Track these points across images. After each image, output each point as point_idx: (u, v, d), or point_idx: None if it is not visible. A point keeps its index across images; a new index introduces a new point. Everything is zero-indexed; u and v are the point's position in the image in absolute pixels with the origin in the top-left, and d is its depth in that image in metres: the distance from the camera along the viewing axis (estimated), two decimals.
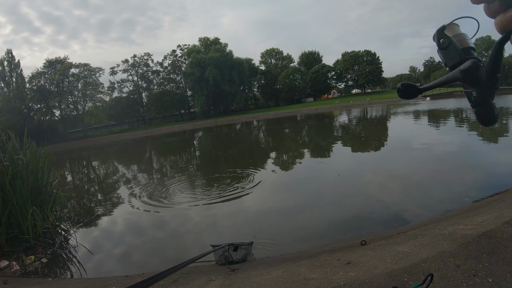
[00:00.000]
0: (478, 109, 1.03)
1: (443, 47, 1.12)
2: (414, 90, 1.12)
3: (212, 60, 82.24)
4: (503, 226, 4.04)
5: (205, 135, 46.62)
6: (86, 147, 50.43)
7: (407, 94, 1.11)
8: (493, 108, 1.02)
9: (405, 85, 1.12)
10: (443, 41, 1.11)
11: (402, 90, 1.11)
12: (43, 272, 6.33)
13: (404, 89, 1.12)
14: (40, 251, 7.21)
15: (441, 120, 28.51)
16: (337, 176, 12.02)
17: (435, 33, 1.14)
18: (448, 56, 1.10)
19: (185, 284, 4.24)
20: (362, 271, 3.70)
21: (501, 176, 9.70)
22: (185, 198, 10.91)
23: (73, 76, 78.99)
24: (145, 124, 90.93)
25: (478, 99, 1.02)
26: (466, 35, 1.10)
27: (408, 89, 1.11)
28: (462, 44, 1.08)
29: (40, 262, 6.67)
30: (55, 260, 7.01)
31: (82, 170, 25.32)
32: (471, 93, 1.03)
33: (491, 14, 0.83)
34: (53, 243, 7.73)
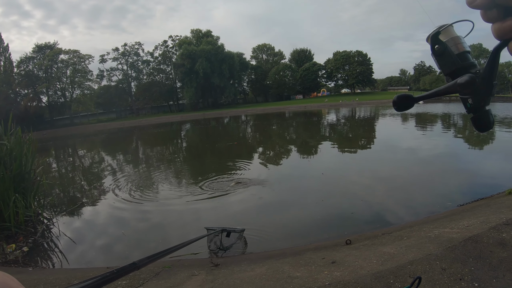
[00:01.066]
0: (474, 116, 1.01)
1: (438, 53, 1.06)
2: (409, 100, 1.08)
3: (203, 53, 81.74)
4: (489, 232, 4.05)
5: (192, 128, 46.42)
6: (72, 135, 49.87)
7: (403, 106, 1.07)
8: (488, 114, 0.98)
9: (401, 97, 1.08)
10: (438, 48, 1.05)
11: (398, 103, 1.08)
12: (23, 261, 6.20)
13: (400, 101, 1.08)
14: (22, 240, 7.06)
15: (428, 124, 28.73)
16: (320, 174, 12.02)
17: (429, 37, 1.09)
18: (443, 63, 1.05)
19: (167, 278, 4.17)
20: (347, 271, 3.66)
21: (485, 182, 9.78)
22: (170, 191, 10.86)
23: (62, 62, 77.61)
24: (133, 114, 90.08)
25: (474, 106, 0.99)
26: (461, 38, 1.05)
27: (403, 100, 1.08)
28: (458, 48, 1.04)
29: (21, 251, 6.52)
30: (37, 249, 6.87)
31: (67, 158, 25.04)
32: (467, 100, 1.00)
33: (488, 20, 0.79)
34: (35, 232, 7.60)
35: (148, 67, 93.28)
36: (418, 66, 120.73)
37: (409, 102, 1.08)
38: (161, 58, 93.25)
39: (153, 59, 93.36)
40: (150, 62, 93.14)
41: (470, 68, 1.01)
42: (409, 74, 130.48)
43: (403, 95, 1.08)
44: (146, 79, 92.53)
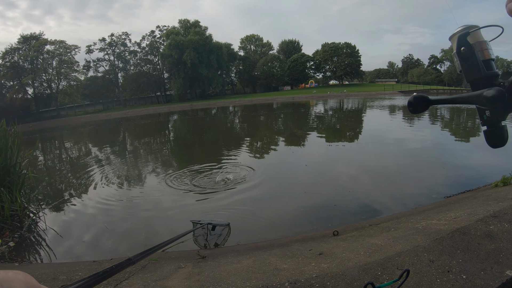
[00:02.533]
0: (489, 130, 0.98)
1: (464, 56, 1.02)
2: (425, 102, 1.01)
3: (191, 43, 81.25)
4: (477, 224, 4.04)
5: (180, 119, 46.25)
6: (59, 127, 49.27)
7: (418, 108, 1.01)
8: (504, 131, 0.96)
9: (418, 98, 1.02)
10: (464, 50, 1.01)
11: (414, 104, 1.02)
12: (10, 256, 6.08)
13: (417, 103, 1.01)
14: (8, 235, 6.94)
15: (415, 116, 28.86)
16: (305, 166, 12.02)
17: (456, 36, 1.04)
18: (468, 68, 1.02)
19: (153, 271, 4.11)
20: (334, 262, 3.64)
21: (472, 174, 9.86)
22: (157, 184, 10.79)
23: (48, 53, 76.22)
24: (120, 105, 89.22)
25: (491, 120, 0.96)
26: (488, 44, 1.02)
27: (420, 102, 1.01)
28: (484, 55, 1.00)
29: (7, 246, 6.41)
30: (23, 244, 6.78)
31: (53, 151, 24.78)
32: (484, 112, 0.97)
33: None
34: (21, 226, 7.48)
35: (135, 57, 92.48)
36: (406, 59, 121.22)
37: (424, 103, 1.02)
38: (149, 48, 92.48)
39: (140, 49, 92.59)
40: (138, 53, 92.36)
41: (493, 79, 0.97)
42: (397, 66, 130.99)
43: (420, 96, 1.02)
44: (133, 70, 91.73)
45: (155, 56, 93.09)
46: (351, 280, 3.10)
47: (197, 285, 3.33)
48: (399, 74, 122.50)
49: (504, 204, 4.80)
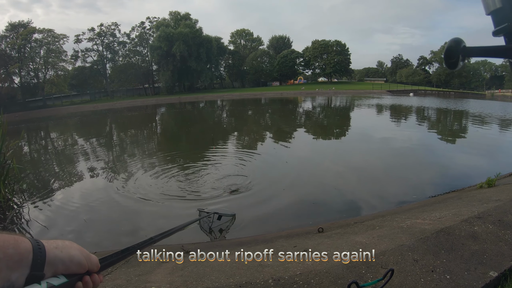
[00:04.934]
0: None
1: None
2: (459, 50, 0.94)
3: (181, 36, 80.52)
4: (461, 224, 4.06)
5: (167, 112, 46.05)
6: (45, 117, 48.52)
7: (454, 54, 0.94)
8: None
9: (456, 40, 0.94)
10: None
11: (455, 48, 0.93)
12: None
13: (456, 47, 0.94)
14: None
15: (402, 115, 29.09)
16: (285, 163, 12.09)
17: None
18: None
19: (136, 265, 4.07)
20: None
21: (457, 175, 9.96)
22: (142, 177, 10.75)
23: (36, 42, 74.27)
24: (107, 96, 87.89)
25: None
26: None
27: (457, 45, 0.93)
28: None
29: None
30: None
31: (39, 142, 24.49)
32: None
33: None
34: (4, 218, 7.39)
35: (124, 48, 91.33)
36: (396, 59, 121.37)
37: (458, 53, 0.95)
38: (138, 39, 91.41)
39: (129, 40, 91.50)
40: (126, 44, 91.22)
41: None
42: (386, 66, 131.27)
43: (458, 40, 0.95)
44: (122, 61, 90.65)
45: (144, 48, 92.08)
46: (335, 278, 3.09)
47: (180, 281, 3.30)
48: (388, 73, 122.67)
49: (489, 206, 4.84)
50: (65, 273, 0.81)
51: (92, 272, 0.89)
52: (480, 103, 46.47)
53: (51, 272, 0.78)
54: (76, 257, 0.84)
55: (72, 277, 0.82)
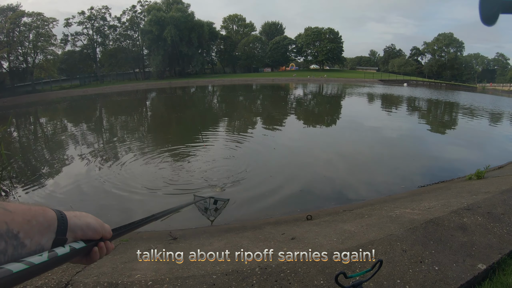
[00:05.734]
0: None
1: None
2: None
3: (173, 20, 79.62)
4: (451, 215, 4.05)
5: (158, 97, 45.76)
6: (34, 102, 47.77)
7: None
8: None
9: None
10: None
11: None
12: None
13: None
14: None
15: (393, 105, 29.16)
16: (273, 149, 12.11)
17: None
18: None
19: (123, 252, 4.02)
20: (307, 248, 3.58)
21: (446, 166, 10.01)
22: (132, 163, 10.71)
23: (25, 26, 72.79)
24: (97, 80, 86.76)
25: None
26: None
27: None
28: None
29: None
30: None
31: (28, 127, 24.20)
32: None
33: None
34: None
35: (115, 32, 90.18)
36: (388, 49, 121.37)
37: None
38: (129, 23, 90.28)
39: (120, 24, 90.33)
40: (117, 28, 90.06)
41: None
42: (378, 55, 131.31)
43: None
44: (112, 45, 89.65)
45: (135, 32, 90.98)
46: (322, 267, 3.06)
47: (166, 268, 3.25)
48: (380, 63, 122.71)
49: (478, 198, 4.84)
50: (83, 239, 0.95)
51: (106, 239, 1.04)
52: (472, 95, 46.78)
53: (72, 237, 0.92)
54: (92, 224, 0.99)
55: (90, 242, 0.97)
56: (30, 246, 0.79)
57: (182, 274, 3.03)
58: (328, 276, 2.88)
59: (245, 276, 2.96)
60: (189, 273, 3.05)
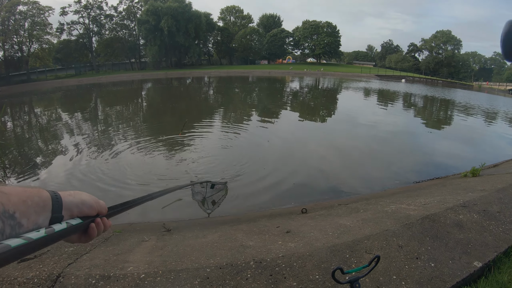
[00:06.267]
0: None
1: None
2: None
3: (170, 10, 79.30)
4: (447, 212, 4.05)
5: (153, 87, 45.62)
6: (29, 92, 47.32)
7: None
8: None
9: None
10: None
11: None
12: None
13: None
14: None
15: (389, 101, 29.22)
16: (267, 142, 12.15)
17: None
18: None
19: (116, 244, 3.98)
20: (302, 242, 3.57)
21: (441, 162, 10.05)
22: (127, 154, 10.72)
23: (20, 14, 72.22)
24: (93, 70, 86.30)
25: None
26: None
27: None
28: None
29: None
30: None
31: (22, 117, 24.01)
32: None
33: None
34: None
35: (111, 22, 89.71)
36: (386, 44, 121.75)
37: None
38: (125, 13, 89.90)
39: (116, 14, 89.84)
40: (113, 17, 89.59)
41: None
42: (376, 50, 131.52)
43: None
44: (108, 35, 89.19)
45: (131, 22, 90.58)
46: (318, 262, 3.03)
47: (159, 261, 3.22)
48: (377, 58, 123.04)
49: (474, 195, 4.84)
50: (80, 216, 0.98)
51: (102, 216, 1.07)
52: (468, 93, 47.02)
53: (68, 215, 0.94)
54: (87, 201, 1.01)
55: (86, 219, 0.99)
56: (27, 225, 0.81)
57: (175, 267, 3.00)
58: (324, 271, 2.85)
59: (240, 269, 2.93)
60: (182, 266, 3.02)
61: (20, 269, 3.05)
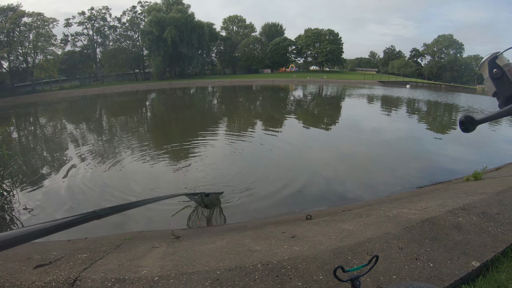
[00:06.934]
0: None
1: (496, 77, 1.16)
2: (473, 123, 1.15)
3: (173, 21, 79.66)
4: (446, 215, 4.16)
5: (158, 98, 45.82)
6: (34, 103, 47.70)
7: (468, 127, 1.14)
8: None
9: (469, 118, 1.15)
10: (496, 72, 1.15)
11: (465, 123, 1.14)
12: None
13: (467, 121, 1.15)
14: None
15: (393, 106, 29.22)
16: (269, 150, 12.19)
17: (486, 63, 1.19)
18: (501, 87, 1.16)
19: (127, 250, 4.12)
20: (306, 246, 3.70)
21: (444, 167, 10.09)
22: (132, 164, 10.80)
23: (25, 26, 72.68)
24: (97, 81, 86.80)
25: None
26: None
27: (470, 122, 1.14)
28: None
29: None
30: None
31: (28, 127, 24.23)
32: None
33: None
34: None
35: (115, 33, 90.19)
36: (388, 50, 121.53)
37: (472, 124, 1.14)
38: (129, 24, 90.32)
39: (120, 25, 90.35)
40: (117, 28, 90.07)
41: None
42: (378, 57, 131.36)
43: (469, 116, 1.17)
44: (112, 46, 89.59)
45: (135, 33, 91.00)
46: (322, 263, 3.16)
47: (171, 265, 3.36)
48: (380, 64, 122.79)
49: (474, 198, 4.94)
50: None
51: None
52: (471, 97, 46.75)
53: None
54: None
55: None
56: None
57: (187, 270, 3.14)
58: (327, 272, 2.98)
59: (248, 271, 3.07)
60: (193, 269, 3.16)
61: (36, 274, 3.20)
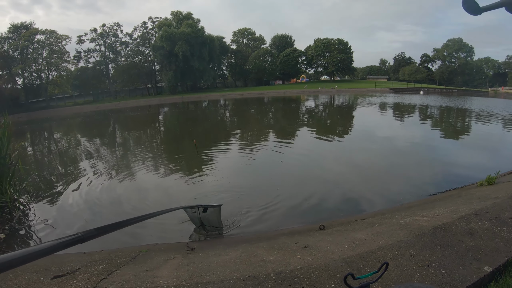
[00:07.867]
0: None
1: None
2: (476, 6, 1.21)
3: (183, 35, 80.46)
4: (458, 221, 4.16)
5: (170, 111, 46.12)
6: (48, 118, 48.41)
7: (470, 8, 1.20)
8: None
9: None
10: None
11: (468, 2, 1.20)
12: (0, 248, 6.07)
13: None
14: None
15: (405, 114, 29.05)
16: (280, 163, 12.15)
17: None
18: None
19: (143, 262, 4.19)
20: (319, 255, 3.73)
21: (458, 173, 10.00)
22: (147, 179, 10.87)
23: (39, 43, 74.35)
24: (110, 96, 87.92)
25: None
26: None
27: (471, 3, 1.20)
28: None
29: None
30: (13, 236, 6.78)
31: (43, 142, 24.56)
32: None
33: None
34: (11, 218, 7.47)
35: (127, 48, 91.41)
36: (398, 57, 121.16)
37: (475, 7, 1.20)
38: (140, 40, 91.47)
39: (131, 40, 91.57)
40: (129, 44, 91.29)
41: None
42: (388, 64, 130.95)
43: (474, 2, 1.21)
44: (124, 61, 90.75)
45: (146, 48, 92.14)
46: (334, 272, 3.20)
47: (186, 275, 3.41)
48: (391, 71, 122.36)
49: (487, 203, 4.92)
50: None
51: None
52: (484, 100, 46.30)
53: None
54: None
55: None
56: None
57: (201, 280, 3.19)
58: (339, 280, 3.01)
59: (261, 281, 3.11)
60: (208, 279, 3.21)
61: (54, 285, 3.28)
